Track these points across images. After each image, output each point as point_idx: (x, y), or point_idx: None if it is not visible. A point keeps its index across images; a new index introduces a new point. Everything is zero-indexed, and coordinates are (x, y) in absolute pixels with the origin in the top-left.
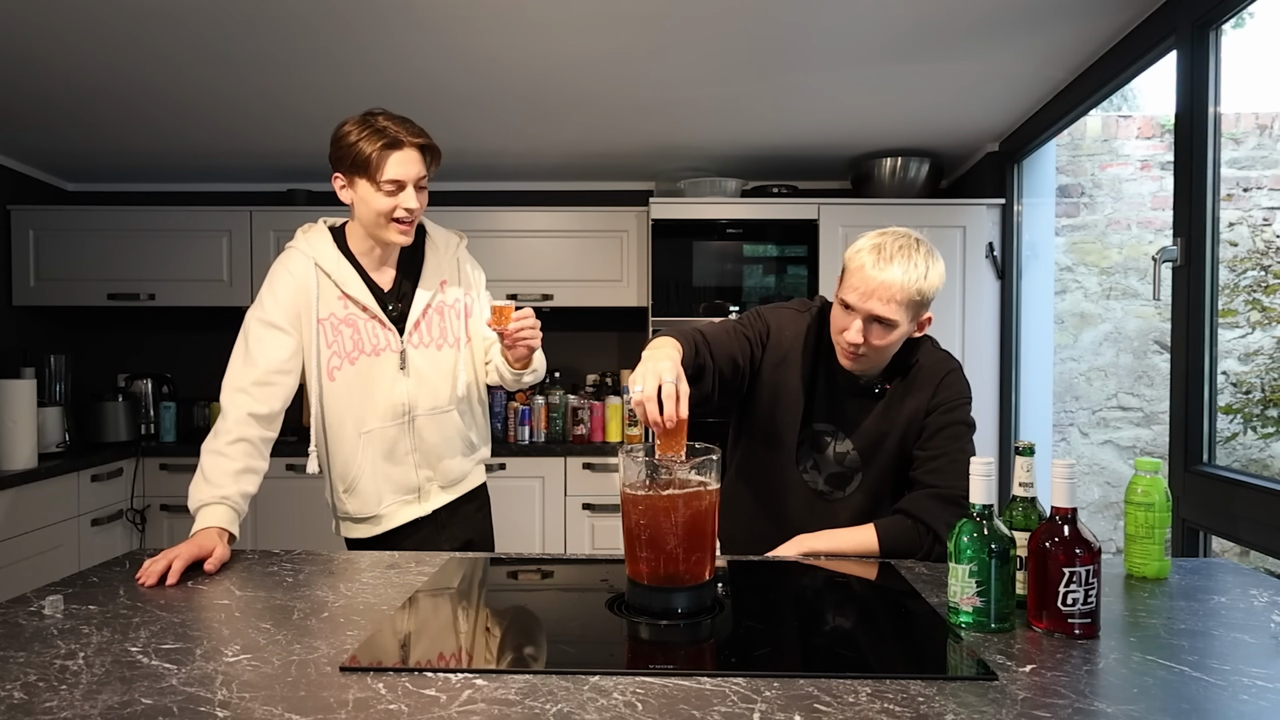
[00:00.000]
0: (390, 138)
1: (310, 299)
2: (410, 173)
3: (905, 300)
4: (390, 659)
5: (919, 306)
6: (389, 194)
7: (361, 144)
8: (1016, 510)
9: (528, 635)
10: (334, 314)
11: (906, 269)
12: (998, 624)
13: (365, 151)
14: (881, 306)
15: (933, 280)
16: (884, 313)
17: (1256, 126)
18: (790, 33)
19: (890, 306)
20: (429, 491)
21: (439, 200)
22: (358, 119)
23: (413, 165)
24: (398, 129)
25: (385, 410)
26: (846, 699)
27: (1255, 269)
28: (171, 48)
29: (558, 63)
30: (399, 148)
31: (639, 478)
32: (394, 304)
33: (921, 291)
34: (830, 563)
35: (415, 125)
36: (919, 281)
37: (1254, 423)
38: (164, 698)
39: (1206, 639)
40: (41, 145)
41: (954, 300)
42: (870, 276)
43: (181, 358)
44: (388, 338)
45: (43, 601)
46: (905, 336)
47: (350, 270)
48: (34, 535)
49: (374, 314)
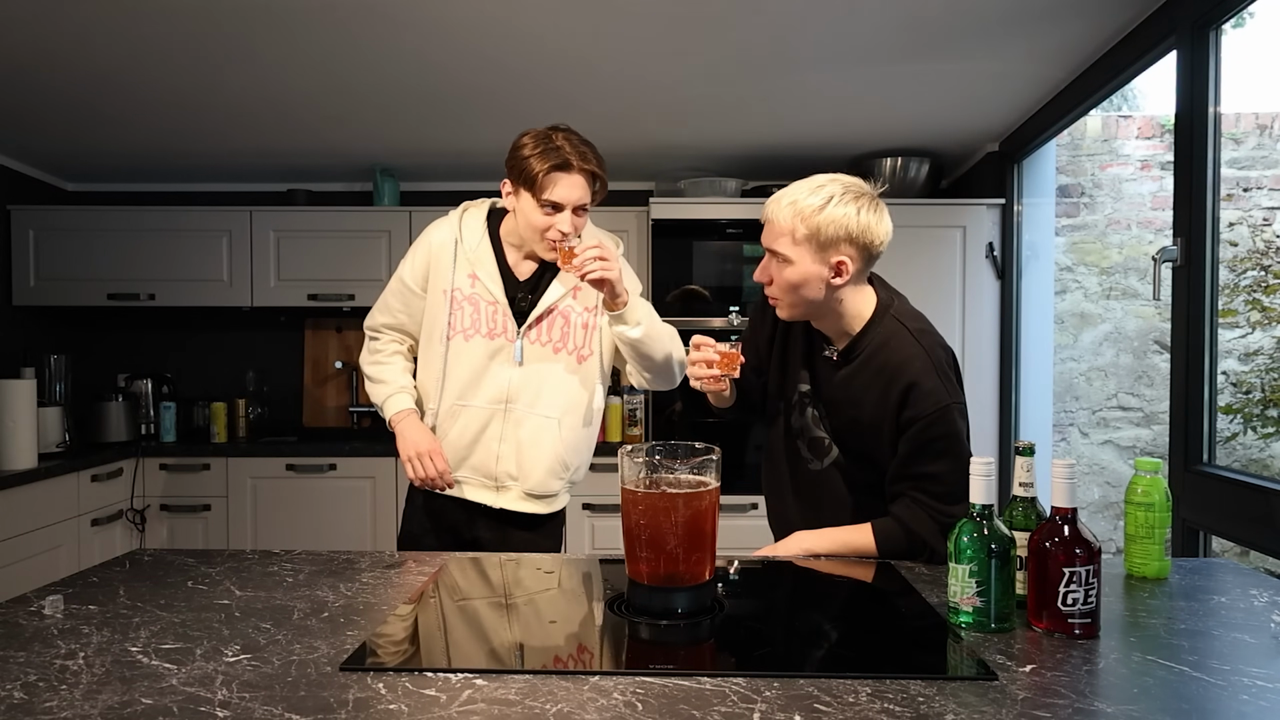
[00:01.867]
0: (561, 160)
1: (441, 269)
2: (571, 197)
3: (792, 232)
4: (390, 659)
5: (816, 245)
6: (546, 214)
7: (532, 160)
8: (1016, 510)
9: (528, 635)
10: (460, 289)
11: (795, 199)
12: (998, 624)
13: (534, 168)
14: (771, 238)
15: (832, 216)
16: (771, 243)
17: (1256, 126)
18: (790, 32)
19: (780, 241)
20: (508, 488)
21: (439, 200)
22: (538, 132)
23: (575, 190)
24: (570, 152)
25: (487, 393)
26: (846, 699)
27: (1255, 269)
28: (172, 47)
29: (558, 62)
30: (567, 170)
31: (639, 477)
32: (524, 295)
33: (813, 226)
34: (830, 563)
35: (592, 151)
36: (807, 213)
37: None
38: (164, 698)
39: (1206, 639)
40: (41, 145)
41: (954, 300)
42: (766, 212)
43: (181, 358)
44: (506, 325)
45: (43, 601)
46: (815, 279)
47: (489, 253)
48: (34, 535)
49: (495, 299)
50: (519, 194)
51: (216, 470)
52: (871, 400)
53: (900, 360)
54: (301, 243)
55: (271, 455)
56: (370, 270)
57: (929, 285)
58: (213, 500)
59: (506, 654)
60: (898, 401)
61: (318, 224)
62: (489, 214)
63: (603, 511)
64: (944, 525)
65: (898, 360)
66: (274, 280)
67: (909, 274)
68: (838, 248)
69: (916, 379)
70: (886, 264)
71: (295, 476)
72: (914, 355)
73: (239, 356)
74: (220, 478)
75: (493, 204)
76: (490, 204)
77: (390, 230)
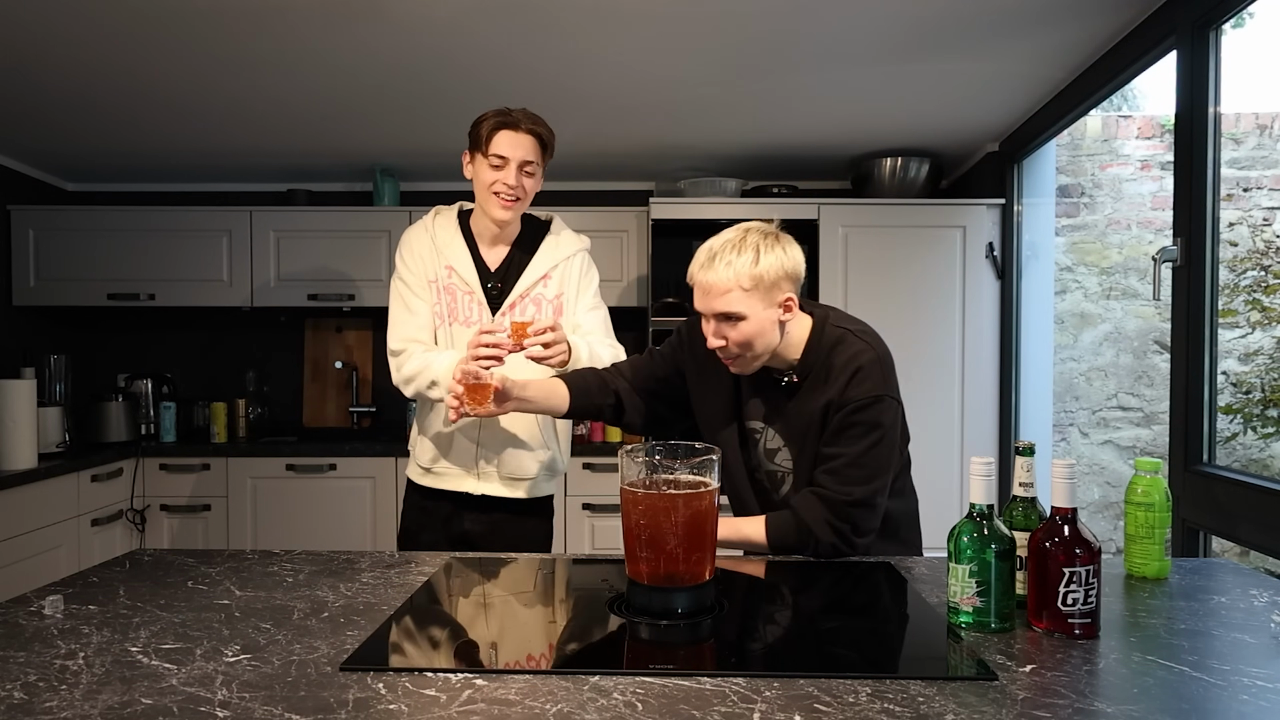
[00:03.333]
0: (509, 119)
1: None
2: (517, 153)
3: (739, 289)
4: (390, 659)
5: (764, 291)
6: (494, 167)
7: (482, 122)
8: (1016, 510)
9: (528, 635)
10: (439, 279)
11: (731, 260)
12: (998, 624)
13: (483, 128)
14: (719, 301)
15: (769, 263)
16: (723, 307)
17: (1256, 126)
18: (790, 33)
19: (727, 299)
20: (488, 474)
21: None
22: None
23: (520, 147)
24: (518, 114)
25: None
26: (846, 699)
27: (1255, 269)
28: (172, 47)
29: (557, 62)
30: (514, 128)
31: (639, 477)
32: (494, 283)
33: (756, 277)
34: (830, 565)
35: (541, 120)
36: (747, 268)
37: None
38: (164, 698)
39: (1206, 639)
40: (41, 145)
41: (954, 300)
42: (702, 279)
43: (182, 358)
44: (480, 313)
45: (43, 601)
46: (769, 325)
47: (460, 245)
48: (34, 535)
49: (470, 288)
50: (474, 159)
51: (216, 470)
52: (825, 397)
53: (848, 355)
54: (301, 243)
55: (271, 455)
56: (370, 270)
57: (929, 285)
58: (213, 500)
59: (506, 654)
60: (844, 384)
61: (318, 224)
62: (459, 213)
63: (602, 511)
64: (837, 508)
65: (845, 356)
66: (274, 280)
67: (909, 274)
68: (780, 288)
69: (863, 364)
70: (887, 265)
71: (295, 476)
72: (861, 349)
73: (239, 356)
74: (220, 478)
75: (461, 205)
76: (459, 205)
77: (390, 230)
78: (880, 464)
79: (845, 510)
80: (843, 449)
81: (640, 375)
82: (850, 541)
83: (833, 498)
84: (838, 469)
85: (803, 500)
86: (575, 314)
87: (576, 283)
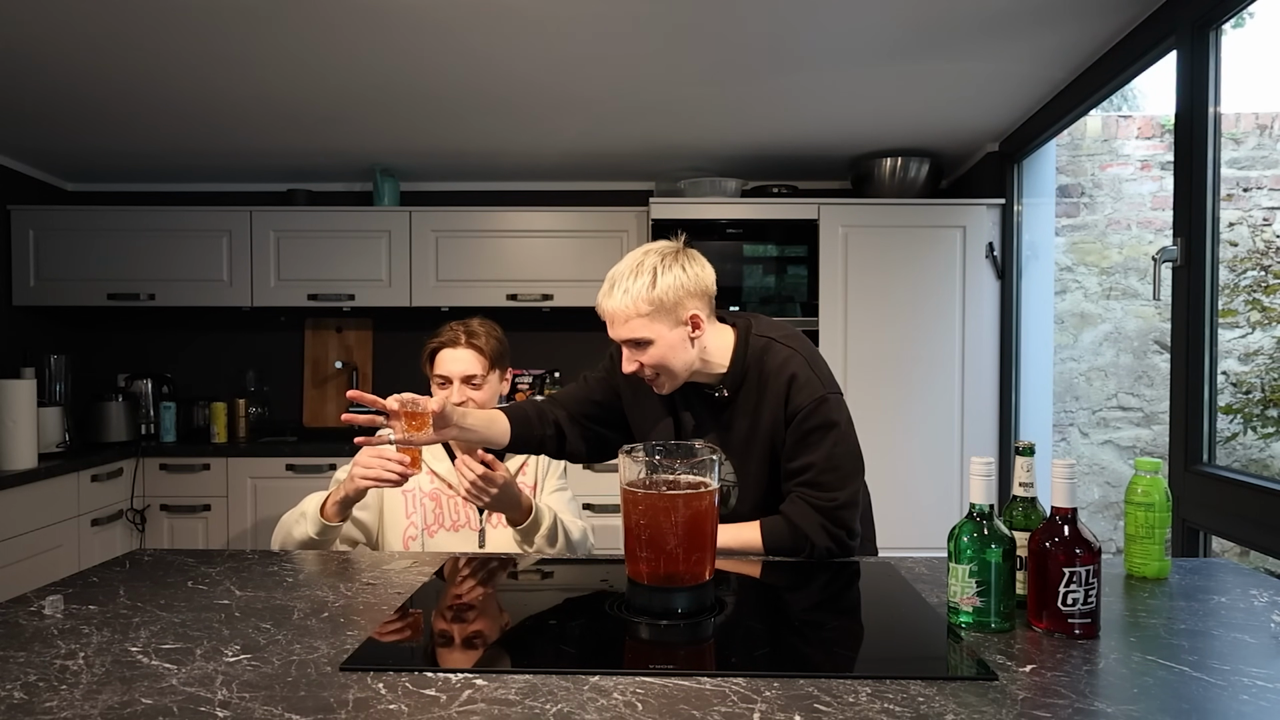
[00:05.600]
0: (447, 338)
1: None
2: (455, 370)
3: (639, 315)
4: (390, 659)
5: (665, 313)
6: (440, 387)
7: (428, 345)
8: (1016, 510)
9: (528, 635)
10: (419, 487)
11: (628, 287)
12: (998, 624)
13: (425, 350)
14: (623, 329)
15: (666, 283)
16: (628, 334)
17: (1256, 126)
18: (790, 32)
19: (630, 326)
20: None
21: (437, 200)
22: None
23: (460, 363)
24: (458, 330)
25: None
26: (846, 699)
27: (1255, 269)
28: (172, 47)
29: (557, 62)
30: (451, 346)
31: (639, 477)
32: None
33: (654, 300)
34: (829, 565)
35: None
36: (644, 292)
37: (1254, 423)
38: (164, 698)
39: (1207, 639)
40: (41, 145)
41: (954, 301)
42: (605, 307)
43: (181, 358)
44: (469, 515)
45: (43, 601)
46: (679, 344)
47: (440, 448)
48: (34, 535)
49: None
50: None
51: (216, 470)
52: (766, 409)
53: (778, 363)
54: (301, 243)
55: (271, 455)
56: (370, 270)
57: (929, 285)
58: (213, 500)
59: (506, 654)
60: (784, 395)
61: (318, 224)
62: None
63: (602, 511)
64: (829, 514)
65: (775, 364)
66: (274, 280)
67: (909, 274)
68: (684, 305)
69: (795, 371)
70: (887, 264)
71: (295, 476)
72: (788, 356)
73: (239, 356)
74: (220, 478)
75: None
76: None
77: (390, 230)
78: (851, 462)
79: (836, 514)
80: (809, 458)
81: (577, 402)
82: (844, 544)
83: (819, 504)
84: (813, 479)
85: (794, 507)
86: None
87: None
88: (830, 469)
